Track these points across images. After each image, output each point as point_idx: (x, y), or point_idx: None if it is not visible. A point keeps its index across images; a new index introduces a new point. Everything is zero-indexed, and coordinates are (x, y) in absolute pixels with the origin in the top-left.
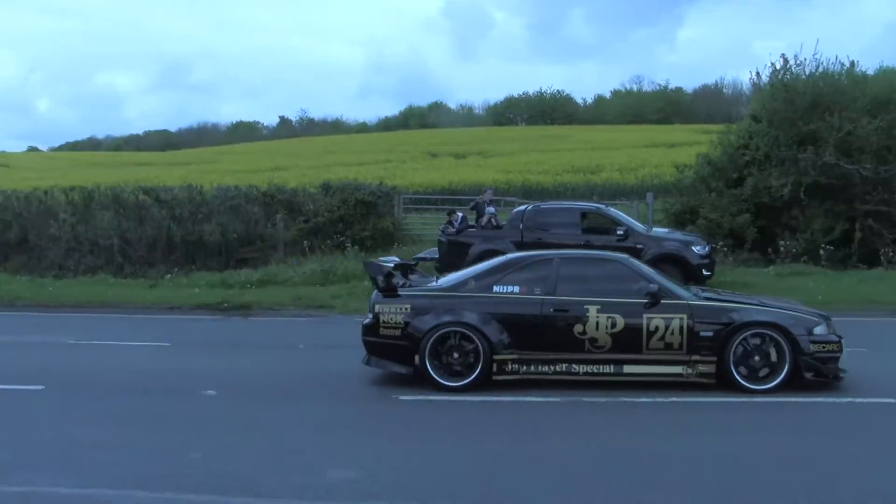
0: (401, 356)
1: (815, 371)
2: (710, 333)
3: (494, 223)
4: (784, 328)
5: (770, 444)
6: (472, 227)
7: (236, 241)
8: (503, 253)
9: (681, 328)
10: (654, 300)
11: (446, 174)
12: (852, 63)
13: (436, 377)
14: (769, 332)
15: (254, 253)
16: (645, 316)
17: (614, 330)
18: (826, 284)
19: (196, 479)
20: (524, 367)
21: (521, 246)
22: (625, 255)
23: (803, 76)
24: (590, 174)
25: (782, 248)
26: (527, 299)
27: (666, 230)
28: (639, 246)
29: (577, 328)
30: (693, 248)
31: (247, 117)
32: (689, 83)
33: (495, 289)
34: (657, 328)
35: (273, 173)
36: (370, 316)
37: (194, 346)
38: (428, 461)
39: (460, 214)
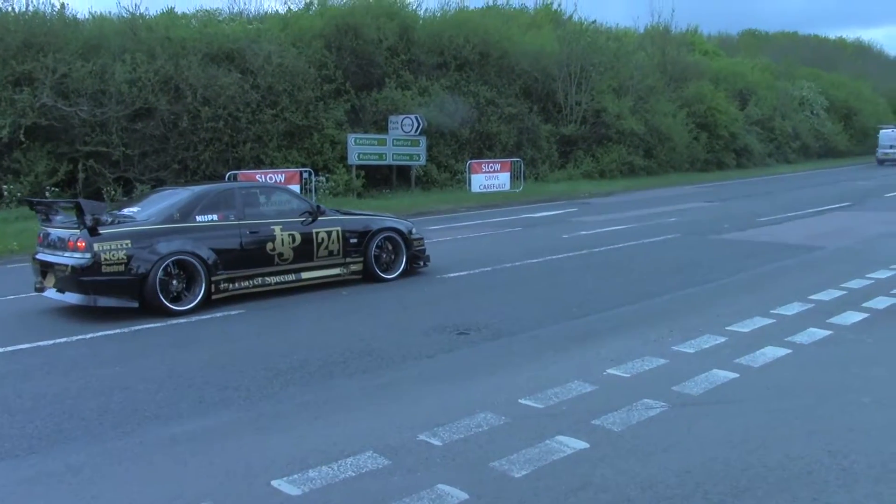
0: (126, 290)
1: (417, 259)
2: (356, 240)
3: None
4: (400, 231)
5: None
6: None
7: None
8: None
9: (338, 238)
10: (314, 217)
11: None
12: (62, 5)
13: (166, 304)
14: (392, 235)
15: None
16: (314, 230)
17: (294, 244)
18: None
19: None
20: (232, 285)
21: None
22: (282, 185)
23: (13, 13)
24: None
25: (7, 193)
26: (227, 225)
27: None
28: None
29: (269, 246)
30: None
31: None
32: None
33: (198, 219)
34: (323, 239)
35: None
36: (87, 256)
37: None
38: None
39: None
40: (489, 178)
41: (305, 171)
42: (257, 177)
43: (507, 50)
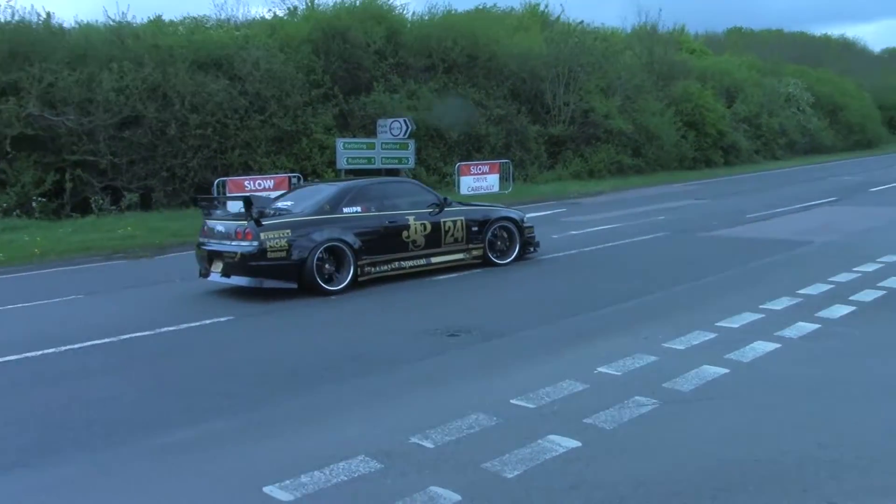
0: (288, 274)
1: (528, 246)
2: (477, 228)
3: None
4: (514, 219)
5: None
6: None
7: None
8: None
9: (462, 226)
10: (440, 208)
11: None
12: (49, 14)
13: (322, 285)
14: (507, 224)
15: None
16: (442, 220)
17: (426, 232)
18: (42, 236)
19: None
20: (375, 269)
21: None
22: (411, 178)
23: None
24: None
25: None
26: (369, 216)
27: None
28: None
29: (404, 234)
30: None
31: None
32: None
33: (345, 210)
34: (449, 228)
35: None
36: (254, 245)
37: None
38: None
39: None
40: (478, 180)
41: (294, 177)
42: (245, 183)
43: (495, 52)
